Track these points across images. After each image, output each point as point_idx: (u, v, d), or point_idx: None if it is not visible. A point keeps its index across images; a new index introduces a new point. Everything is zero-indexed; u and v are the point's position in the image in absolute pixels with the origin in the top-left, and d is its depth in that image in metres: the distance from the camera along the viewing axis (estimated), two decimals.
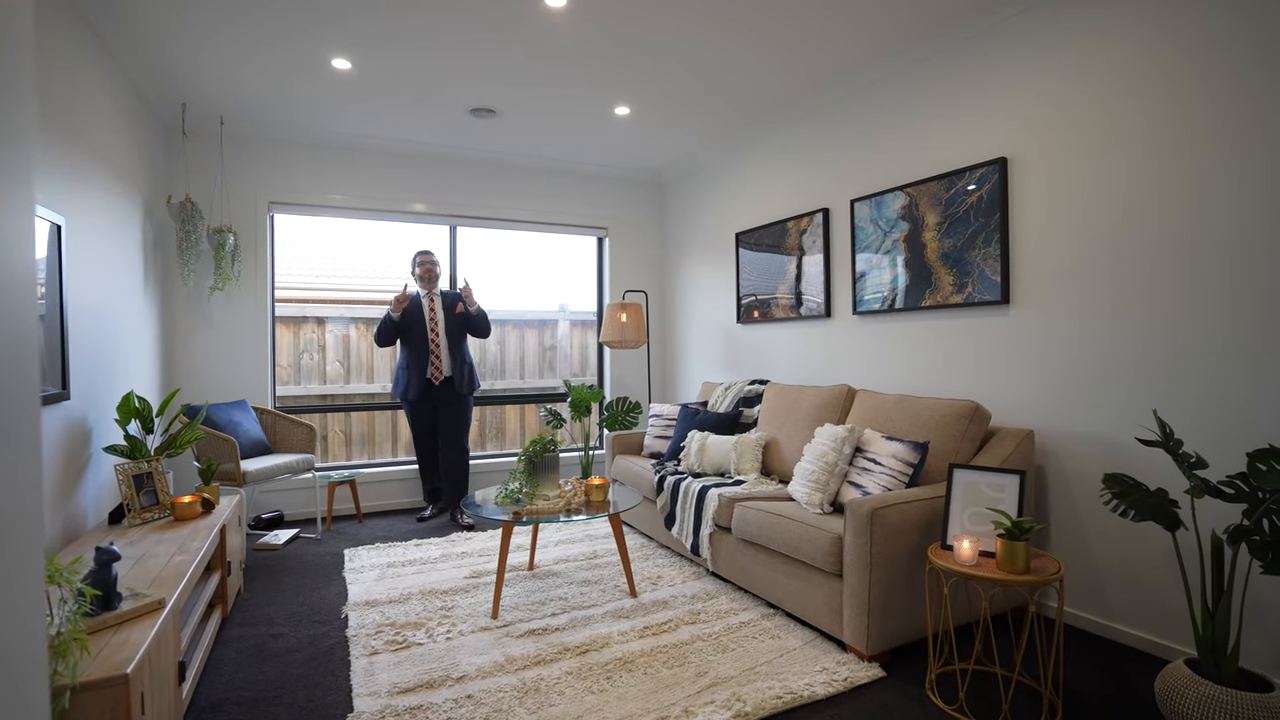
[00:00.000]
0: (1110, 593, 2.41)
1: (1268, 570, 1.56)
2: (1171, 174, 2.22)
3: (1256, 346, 2.02)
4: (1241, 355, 2.06)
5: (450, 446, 4.12)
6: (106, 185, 2.84)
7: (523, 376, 5.68)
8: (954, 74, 2.95)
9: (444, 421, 4.12)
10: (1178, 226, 2.21)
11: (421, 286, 4.13)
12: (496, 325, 5.50)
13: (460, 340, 4.15)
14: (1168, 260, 2.24)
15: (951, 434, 2.58)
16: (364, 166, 4.32)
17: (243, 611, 2.73)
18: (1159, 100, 2.25)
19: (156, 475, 2.59)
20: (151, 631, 1.56)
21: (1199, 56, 2.15)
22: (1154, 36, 2.26)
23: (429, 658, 2.31)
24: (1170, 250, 2.23)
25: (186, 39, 2.92)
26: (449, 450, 4.13)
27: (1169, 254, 2.23)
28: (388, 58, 3.13)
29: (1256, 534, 1.58)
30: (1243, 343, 2.06)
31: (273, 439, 3.80)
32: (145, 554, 2.14)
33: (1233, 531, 1.61)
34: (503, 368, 5.59)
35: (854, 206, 3.46)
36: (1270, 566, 1.55)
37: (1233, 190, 2.07)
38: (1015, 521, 1.90)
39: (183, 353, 3.84)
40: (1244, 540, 1.58)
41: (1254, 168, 2.03)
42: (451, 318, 4.13)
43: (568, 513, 2.71)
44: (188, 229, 3.54)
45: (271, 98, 3.57)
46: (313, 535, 3.80)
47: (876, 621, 2.19)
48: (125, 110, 3.11)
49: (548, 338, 5.84)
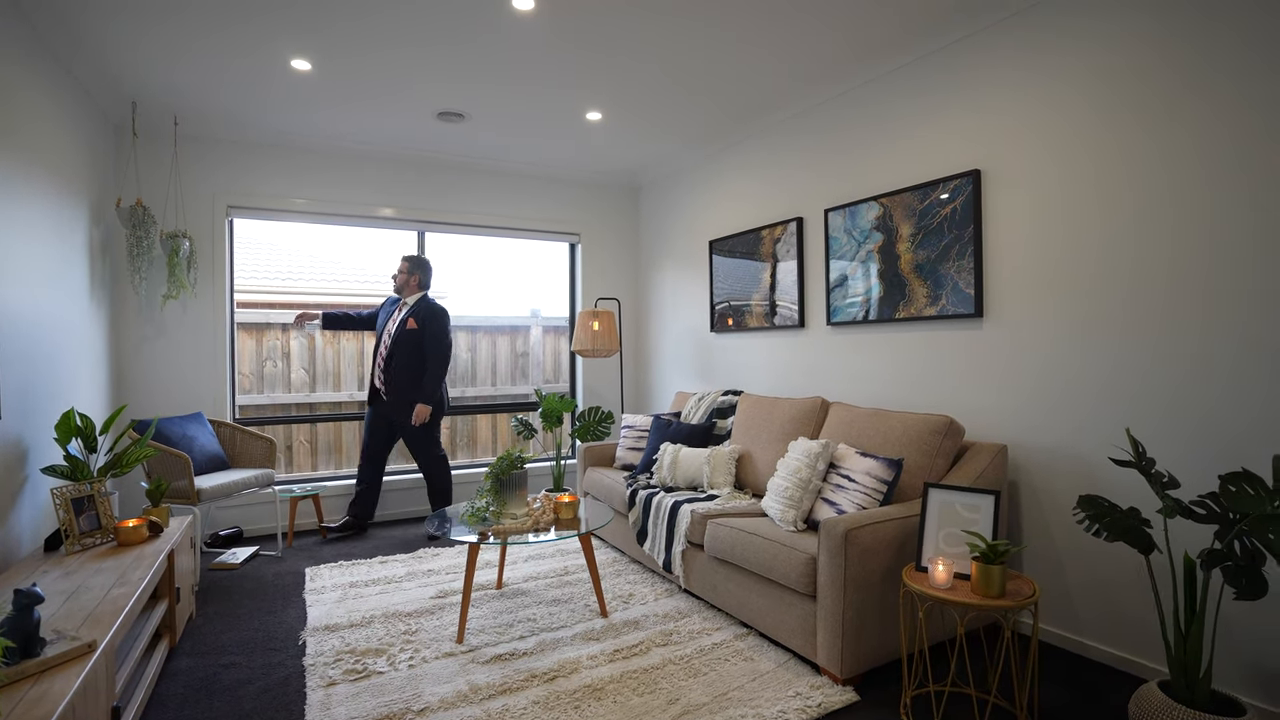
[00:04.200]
0: (1082, 610, 2.40)
1: (1241, 596, 1.54)
2: (1144, 188, 2.21)
3: (1231, 361, 2.02)
4: (1216, 370, 2.05)
5: (417, 458, 4.06)
6: (43, 187, 2.68)
7: (494, 384, 5.57)
8: (929, 84, 2.93)
9: (404, 435, 4.05)
10: (1151, 240, 2.20)
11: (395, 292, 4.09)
12: (467, 331, 5.38)
13: (408, 356, 3.94)
14: (1141, 274, 2.23)
15: (926, 450, 2.55)
16: (328, 169, 4.18)
17: (194, 639, 2.60)
18: (1131, 113, 2.24)
19: (98, 498, 2.45)
20: (77, 681, 1.45)
21: (1170, 70, 2.14)
22: (1127, 48, 2.25)
23: (390, 688, 2.21)
24: (1143, 264, 2.22)
25: (130, 32, 2.77)
26: (419, 460, 4.06)
27: (1142, 268, 2.22)
28: (349, 60, 3.02)
29: (1229, 559, 1.56)
30: (1217, 357, 2.05)
31: (231, 453, 3.65)
32: (80, 586, 2.01)
33: (1206, 556, 1.59)
34: (474, 374, 5.47)
35: (828, 216, 3.42)
36: (1244, 592, 1.53)
37: (1205, 204, 2.07)
38: (990, 544, 1.87)
39: (134, 365, 3.67)
40: (1217, 565, 1.56)
41: (1225, 180, 2.02)
42: (404, 331, 3.97)
43: (536, 532, 2.63)
44: (139, 234, 3.38)
45: (228, 98, 3.42)
46: (273, 553, 3.66)
47: (851, 644, 2.14)
48: (67, 107, 2.94)
49: (520, 344, 5.73)
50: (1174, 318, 2.14)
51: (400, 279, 4.03)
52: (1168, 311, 2.16)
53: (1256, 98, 1.94)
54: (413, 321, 3.94)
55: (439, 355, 3.95)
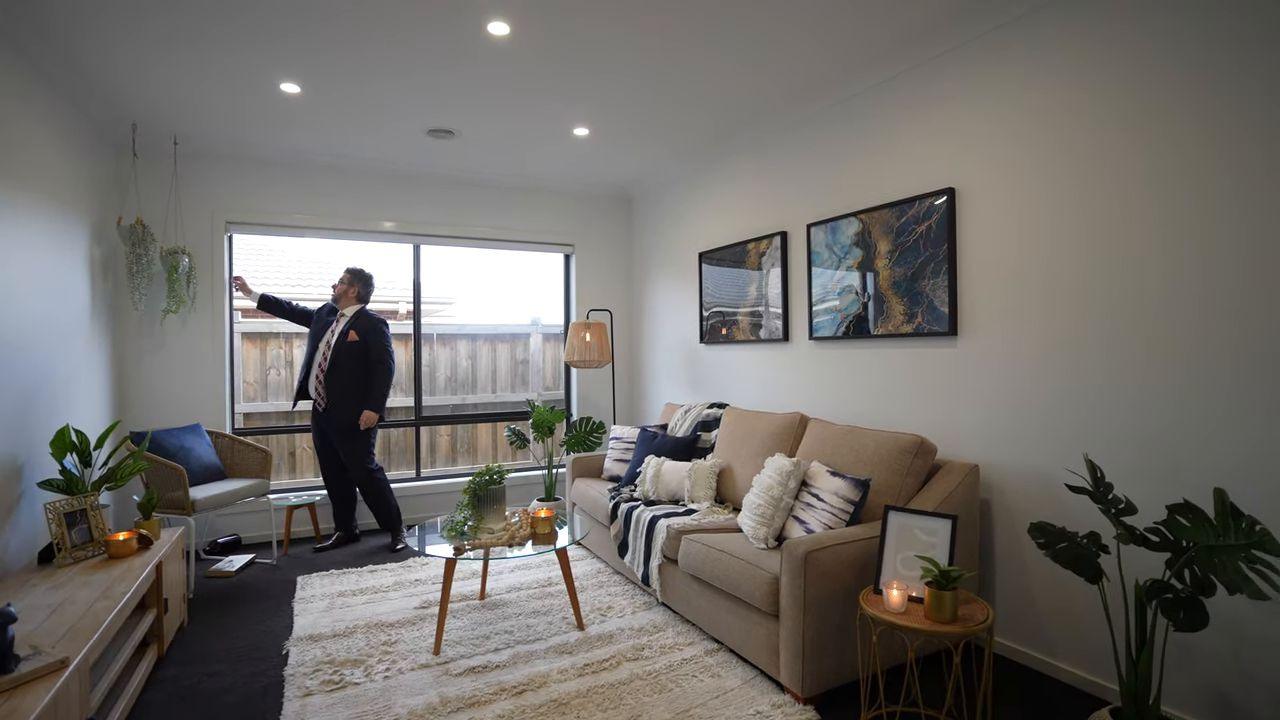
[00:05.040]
0: (1050, 630, 2.40)
1: (1180, 629, 1.55)
2: (1121, 209, 2.21)
3: (1206, 383, 2.02)
4: (1193, 392, 2.05)
5: (351, 470, 4.03)
6: (42, 208, 2.79)
7: (494, 391, 5.65)
8: (909, 98, 2.94)
9: (338, 445, 3.99)
10: (1126, 263, 2.20)
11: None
12: (467, 339, 5.47)
13: (348, 367, 3.94)
14: (1117, 295, 2.23)
15: (896, 469, 2.56)
16: (325, 185, 4.28)
17: (183, 648, 2.69)
18: (1105, 132, 2.24)
19: (90, 511, 2.55)
20: (47, 697, 1.53)
21: (1148, 89, 2.14)
22: (1105, 66, 2.25)
23: (363, 699, 2.28)
24: (1120, 286, 2.22)
25: (130, 61, 2.87)
26: (352, 473, 4.03)
27: (1117, 289, 2.22)
28: (336, 82, 3.10)
29: (1169, 591, 1.56)
30: (1193, 379, 2.05)
31: (228, 463, 3.75)
32: (67, 600, 2.10)
33: (1148, 587, 1.60)
34: (474, 382, 5.55)
35: (810, 231, 3.44)
36: (1182, 625, 1.54)
37: (1194, 222, 2.07)
38: (943, 570, 1.89)
39: (135, 378, 3.79)
40: (1156, 598, 1.57)
41: (1212, 197, 2.02)
42: (345, 343, 3.94)
43: (510, 546, 2.69)
44: (138, 252, 3.49)
45: (224, 118, 3.53)
46: (268, 561, 3.76)
47: (811, 663, 2.17)
48: (65, 131, 3.05)
49: (520, 351, 5.81)
50: (1155, 340, 2.14)
51: (339, 289, 4.03)
52: (1147, 333, 2.15)
53: (1245, 111, 1.94)
54: (354, 334, 3.94)
55: (386, 368, 3.97)
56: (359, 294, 4.07)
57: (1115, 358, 2.20)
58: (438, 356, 5.34)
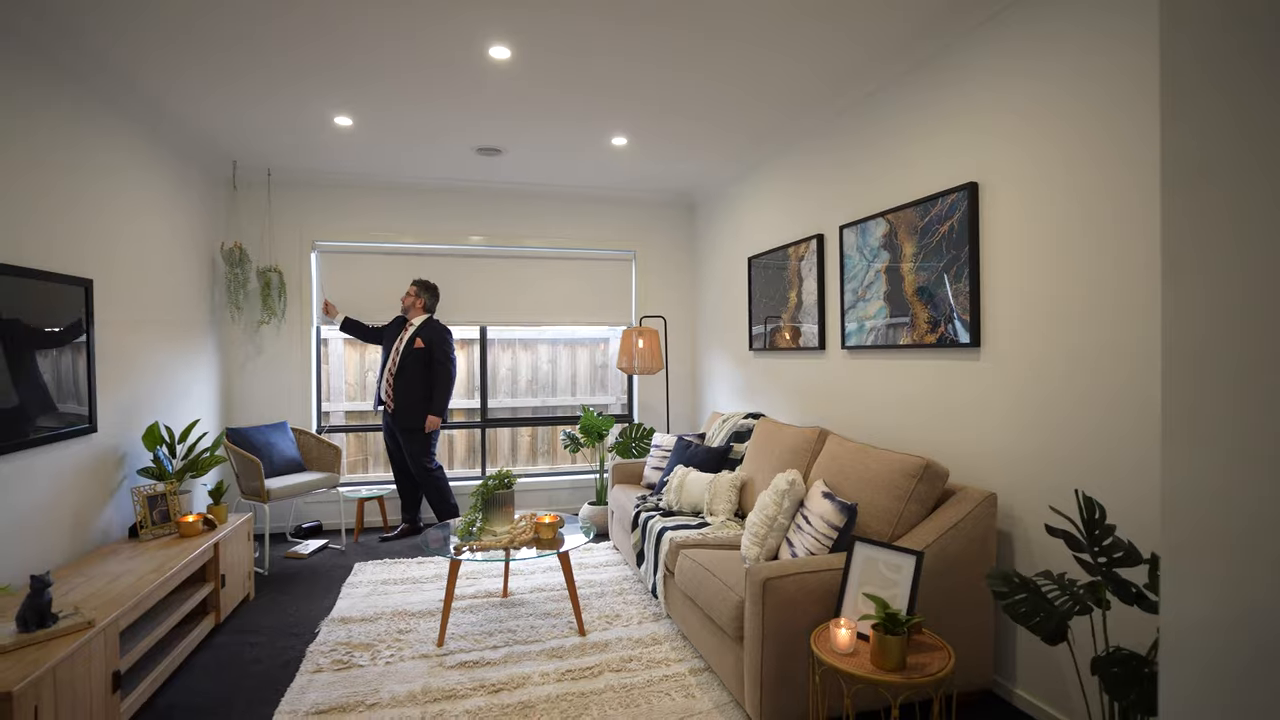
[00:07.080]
0: (1071, 686, 2.08)
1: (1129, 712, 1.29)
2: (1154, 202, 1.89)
3: None
4: None
5: (412, 466, 4.34)
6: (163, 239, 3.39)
7: (574, 394, 5.85)
8: (933, 86, 2.68)
9: (404, 444, 4.32)
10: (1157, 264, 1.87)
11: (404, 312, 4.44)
12: (547, 344, 5.71)
13: (414, 372, 4.26)
14: (1151, 301, 1.90)
15: (897, 493, 2.35)
16: (391, 204, 4.67)
17: (239, 619, 3.09)
18: (1140, 120, 1.92)
19: (170, 496, 3.00)
20: (66, 650, 1.84)
21: None
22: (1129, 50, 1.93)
23: (360, 681, 2.49)
24: (1151, 290, 1.89)
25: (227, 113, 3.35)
26: (413, 469, 4.35)
27: (1149, 294, 1.90)
28: (379, 114, 3.39)
29: (1117, 666, 1.30)
30: None
31: (309, 458, 4.23)
32: (127, 570, 2.50)
33: (1093, 661, 1.34)
34: (554, 385, 5.79)
35: (843, 233, 3.23)
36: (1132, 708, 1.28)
37: None
38: (890, 612, 1.72)
39: (237, 382, 4.39)
40: (1101, 672, 1.31)
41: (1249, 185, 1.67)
42: (411, 350, 4.27)
43: (511, 549, 2.79)
44: (236, 271, 4.04)
45: (302, 151, 3.98)
46: (338, 547, 4.19)
47: (770, 696, 2.05)
48: (179, 173, 3.62)
49: (599, 356, 5.96)
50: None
51: (408, 300, 4.37)
52: None
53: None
54: (420, 341, 4.26)
55: (447, 373, 4.28)
56: (426, 304, 4.40)
57: (1156, 371, 1.87)
58: (519, 360, 5.62)
